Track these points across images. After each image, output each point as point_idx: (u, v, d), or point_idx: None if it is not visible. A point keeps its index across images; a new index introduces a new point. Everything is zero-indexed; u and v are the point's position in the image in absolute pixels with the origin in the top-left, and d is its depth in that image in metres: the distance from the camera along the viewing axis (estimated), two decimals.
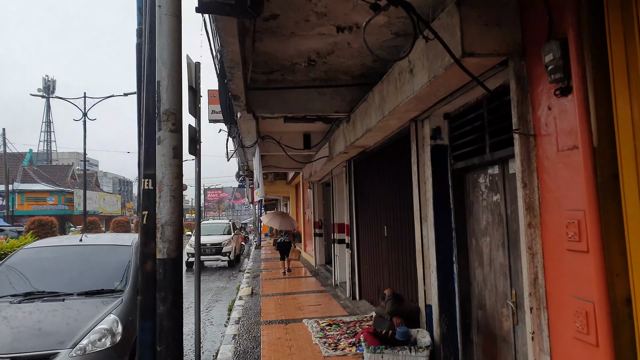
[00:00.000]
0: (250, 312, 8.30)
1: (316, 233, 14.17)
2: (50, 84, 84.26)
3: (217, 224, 21.65)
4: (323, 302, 8.91)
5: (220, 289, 13.06)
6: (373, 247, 7.68)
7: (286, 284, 11.67)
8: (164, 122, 2.74)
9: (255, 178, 8.93)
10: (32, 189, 47.92)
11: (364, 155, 7.89)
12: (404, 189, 6.01)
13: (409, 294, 5.89)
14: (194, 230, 5.91)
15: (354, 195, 8.72)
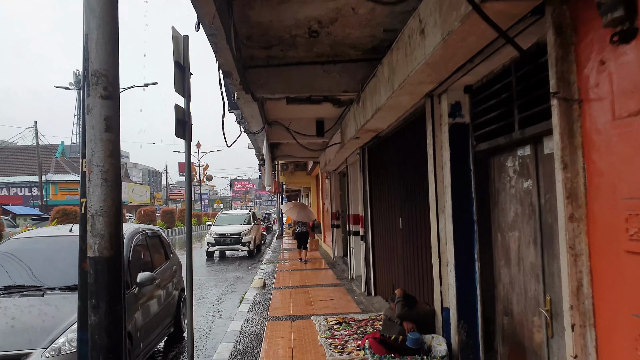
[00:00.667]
0: (258, 306, 7.78)
1: (334, 224, 13.56)
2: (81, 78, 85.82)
3: (237, 214, 21.28)
4: (336, 297, 8.31)
5: (237, 279, 12.64)
6: (388, 241, 7.02)
7: (301, 276, 11.12)
8: (94, 85, 2.16)
9: (266, 166, 8.37)
10: (64, 180, 48.93)
11: (377, 141, 7.21)
12: (419, 177, 5.32)
13: (424, 294, 5.23)
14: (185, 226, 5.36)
15: (368, 184, 8.06)
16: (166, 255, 6.91)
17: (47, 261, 5.15)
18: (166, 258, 6.87)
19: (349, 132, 7.27)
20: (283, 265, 13.51)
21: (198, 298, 10.04)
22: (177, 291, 6.88)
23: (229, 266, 15.73)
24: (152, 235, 6.61)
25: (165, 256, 6.89)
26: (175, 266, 7.01)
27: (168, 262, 6.80)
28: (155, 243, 6.70)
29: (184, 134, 4.96)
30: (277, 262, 14.50)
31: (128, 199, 56.26)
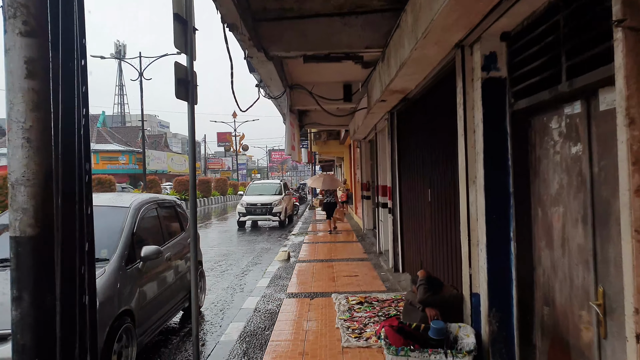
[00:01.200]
0: (278, 281, 7.43)
1: (364, 195, 13.03)
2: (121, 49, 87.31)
3: (269, 184, 21.05)
4: (361, 272, 7.86)
5: (264, 250, 12.39)
6: (417, 214, 6.45)
7: (327, 249, 10.73)
8: (10, 19, 1.69)
9: (286, 132, 7.88)
10: (105, 149, 50.22)
11: (406, 105, 6.55)
12: (449, 143, 4.70)
13: (451, 277, 4.67)
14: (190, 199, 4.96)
15: (397, 152, 7.44)
16: (182, 227, 6.60)
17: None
18: (182, 229, 6.56)
19: (374, 94, 6.65)
20: (311, 237, 13.16)
21: (223, 270, 9.83)
22: None
23: (259, 236, 15.54)
24: (166, 206, 6.29)
25: (181, 227, 6.58)
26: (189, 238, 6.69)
27: (183, 234, 6.48)
28: (169, 214, 6.39)
29: (186, 95, 4.50)
30: (306, 233, 14.17)
31: (167, 168, 57.39)
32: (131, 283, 4.49)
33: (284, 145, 7.82)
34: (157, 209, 5.85)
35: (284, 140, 7.86)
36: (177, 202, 6.78)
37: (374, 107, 6.95)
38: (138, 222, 5.04)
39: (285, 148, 7.75)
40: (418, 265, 6.43)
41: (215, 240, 14.60)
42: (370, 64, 7.10)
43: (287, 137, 7.87)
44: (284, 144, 7.82)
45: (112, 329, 3.94)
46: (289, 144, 7.86)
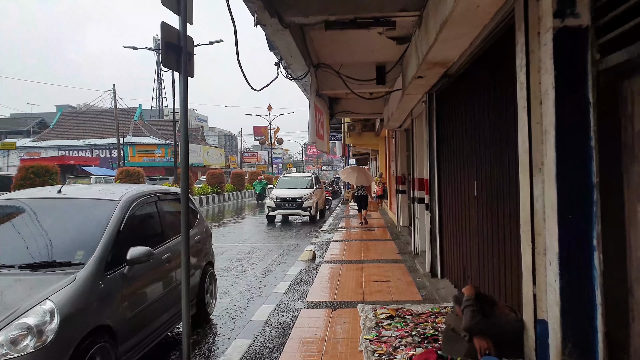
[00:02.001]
0: (298, 285, 6.61)
1: (399, 189, 12.04)
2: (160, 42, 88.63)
3: (299, 177, 20.28)
4: (393, 277, 6.93)
5: (291, 248, 11.62)
6: (459, 211, 5.48)
7: (357, 248, 9.84)
8: None
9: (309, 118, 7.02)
10: (142, 142, 50.85)
11: (447, 83, 5.57)
12: (502, 123, 3.73)
13: (506, 294, 3.71)
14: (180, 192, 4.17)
15: (435, 140, 6.46)
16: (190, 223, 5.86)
17: (16, 231, 4.14)
18: (190, 226, 5.82)
19: (410, 70, 5.70)
20: (342, 234, 12.30)
21: (244, 269, 9.11)
22: (201, 266, 5.84)
23: (287, 232, 14.80)
24: (170, 199, 5.57)
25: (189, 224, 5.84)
26: (200, 236, 5.95)
27: (191, 232, 5.75)
28: (174, 208, 5.67)
29: (176, 64, 3.71)
30: (337, 229, 13.31)
31: (203, 161, 57.78)
32: (112, 292, 3.74)
33: (307, 132, 6.97)
34: (157, 202, 5.12)
35: (307, 126, 7.01)
36: None
37: (410, 86, 5.99)
38: (128, 218, 4.30)
39: (309, 135, 6.89)
40: (460, 272, 5.46)
41: (241, 236, 13.95)
42: (405, 39, 6.16)
43: (311, 123, 7.00)
44: (307, 130, 6.97)
45: (79, 352, 3.20)
46: (313, 130, 6.99)
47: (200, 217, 6.37)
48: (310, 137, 6.88)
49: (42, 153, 48.11)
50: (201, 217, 6.39)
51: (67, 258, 3.75)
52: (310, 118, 7.26)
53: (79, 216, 4.31)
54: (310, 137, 6.88)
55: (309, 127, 6.99)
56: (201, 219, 6.37)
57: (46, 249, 3.86)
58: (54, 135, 51.88)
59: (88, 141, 48.92)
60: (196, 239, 5.80)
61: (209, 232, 6.46)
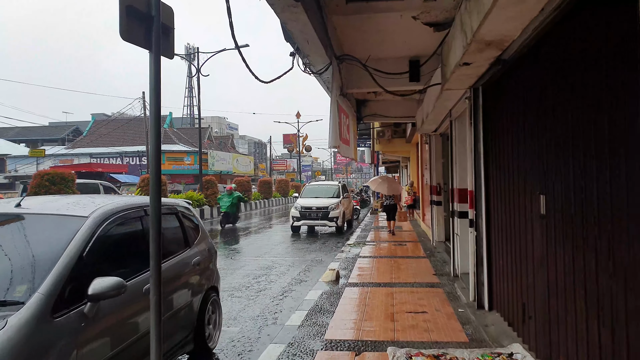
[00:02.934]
0: (317, 316, 5.59)
1: (434, 201, 10.88)
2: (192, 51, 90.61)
3: (326, 185, 19.25)
4: (430, 307, 5.83)
5: (315, 263, 10.62)
6: (515, 231, 4.36)
7: (387, 266, 8.74)
8: None
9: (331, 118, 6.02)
10: (171, 150, 50.96)
11: (500, 71, 4.48)
12: (591, 118, 2.64)
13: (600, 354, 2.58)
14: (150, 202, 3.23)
15: (482, 144, 5.36)
16: (187, 241, 4.94)
17: None
18: (186, 244, 4.91)
19: (452, 57, 4.64)
20: (370, 249, 11.21)
21: (261, 288, 8.15)
22: (201, 292, 4.90)
23: (312, 244, 13.80)
24: (163, 213, 4.66)
25: (186, 242, 4.93)
26: (200, 257, 5.01)
27: (188, 251, 4.82)
28: (167, 224, 4.77)
29: (144, 38, 2.78)
30: (364, 243, 12.22)
31: (232, 169, 57.57)
32: (61, 341, 2.82)
33: (328, 135, 5.98)
34: (145, 218, 4.20)
35: (329, 127, 6.01)
36: (180, 207, 5.13)
37: (452, 77, 4.92)
38: (97, 239, 3.37)
39: (330, 138, 5.89)
40: (516, 307, 4.33)
41: (262, 248, 13.03)
42: (444, 25, 5.13)
43: (333, 125, 6.01)
44: (329, 134, 5.98)
45: None
46: (335, 133, 6.00)
47: (203, 234, 5.45)
48: (332, 141, 5.88)
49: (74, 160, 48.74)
50: (204, 234, 5.47)
51: (1, 296, 2.85)
52: (333, 119, 6.26)
53: (34, 238, 3.41)
54: (332, 141, 5.88)
55: (330, 129, 6.00)
56: (204, 235, 5.44)
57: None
58: (86, 142, 52.63)
59: (118, 148, 49.34)
60: (195, 261, 4.86)
61: (213, 251, 5.53)
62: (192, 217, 5.35)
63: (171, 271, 4.32)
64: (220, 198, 19.38)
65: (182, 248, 4.77)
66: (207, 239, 5.50)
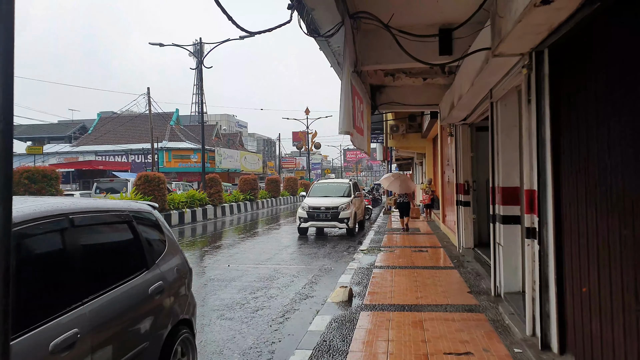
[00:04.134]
0: (324, 358, 4.19)
1: (460, 201, 9.42)
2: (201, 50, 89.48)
3: (335, 184, 17.80)
4: (475, 344, 4.40)
5: (323, 272, 9.24)
6: (609, 248, 2.93)
7: (408, 279, 7.31)
8: None
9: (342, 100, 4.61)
10: (177, 147, 49.84)
11: (595, 10, 3.03)
12: None
13: None
14: None
15: (549, 128, 3.91)
16: (144, 260, 3.56)
17: None
18: (144, 265, 3.53)
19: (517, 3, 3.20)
20: (386, 256, 9.78)
21: (258, 306, 6.80)
22: (164, 330, 3.53)
23: (320, 249, 12.40)
24: (107, 223, 3.30)
25: (143, 261, 3.55)
26: (162, 281, 3.63)
27: (140, 276, 3.44)
28: (115, 238, 3.41)
29: None
30: (379, 249, 10.79)
31: (240, 166, 56.36)
32: None
33: (339, 118, 4.57)
34: (67, 231, 2.81)
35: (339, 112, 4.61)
36: (138, 212, 3.75)
37: (514, 33, 3.48)
38: None
39: (341, 122, 4.49)
40: (612, 352, 2.90)
41: (265, 254, 11.66)
42: None
43: (345, 107, 4.61)
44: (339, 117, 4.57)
45: None
46: (348, 117, 4.60)
47: (172, 248, 4.07)
48: (343, 125, 4.46)
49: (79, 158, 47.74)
50: (173, 248, 4.09)
51: None
52: (345, 100, 4.84)
53: None
54: (343, 125, 4.46)
55: (341, 111, 4.59)
56: (173, 250, 4.07)
57: None
58: (92, 140, 51.68)
59: (124, 146, 48.28)
60: (154, 288, 3.48)
61: (185, 270, 4.14)
62: (155, 226, 3.98)
63: (110, 308, 2.94)
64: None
65: (135, 271, 3.39)
66: (177, 254, 4.13)
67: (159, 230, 4.01)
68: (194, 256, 11.50)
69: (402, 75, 8.83)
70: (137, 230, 3.58)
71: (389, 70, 8.44)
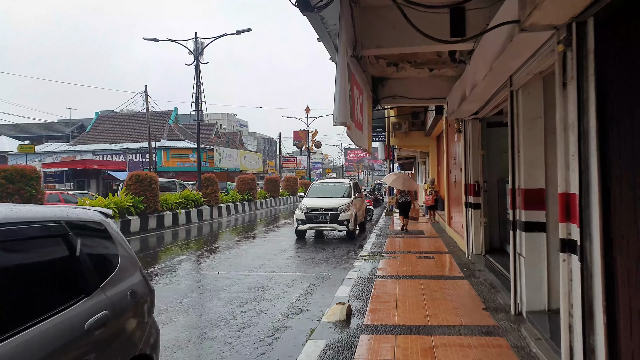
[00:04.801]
0: None
1: (470, 203, 8.62)
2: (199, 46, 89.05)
3: (335, 184, 17.01)
4: None
5: (320, 280, 8.47)
6: None
7: (415, 293, 6.52)
8: None
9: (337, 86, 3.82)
10: (176, 146, 49.06)
11: None
12: None
13: None
14: None
15: (595, 121, 3.12)
16: (82, 287, 2.77)
17: None
18: (78, 292, 2.74)
19: None
20: (389, 264, 8.99)
21: (245, 323, 6.04)
22: None
23: (318, 254, 11.62)
24: (26, 238, 2.52)
25: (80, 289, 2.76)
26: (108, 310, 2.84)
27: (76, 307, 2.64)
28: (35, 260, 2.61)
29: None
30: (381, 254, 10.00)
31: (239, 166, 55.56)
32: None
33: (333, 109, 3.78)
34: None
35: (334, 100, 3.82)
36: (79, 222, 2.97)
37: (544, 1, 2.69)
38: None
39: (336, 112, 3.71)
40: None
41: (258, 259, 10.88)
42: None
43: (342, 94, 3.83)
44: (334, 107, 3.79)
45: None
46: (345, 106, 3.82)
47: (128, 266, 3.28)
48: (339, 115, 3.68)
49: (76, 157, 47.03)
50: (129, 266, 3.30)
51: None
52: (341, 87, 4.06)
53: None
54: (339, 115, 3.68)
55: (336, 99, 3.80)
56: (128, 268, 3.28)
57: None
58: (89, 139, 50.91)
59: (122, 145, 47.50)
60: (93, 321, 2.67)
61: (146, 292, 3.36)
62: (105, 238, 3.20)
63: (37, 344, 2.17)
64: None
65: (67, 300, 2.60)
66: (134, 273, 3.34)
67: (109, 243, 3.23)
68: (182, 262, 10.73)
69: (407, 65, 8.05)
70: (74, 246, 2.80)
71: (392, 58, 7.66)
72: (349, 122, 4.07)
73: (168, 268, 9.87)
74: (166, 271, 9.53)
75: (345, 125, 3.91)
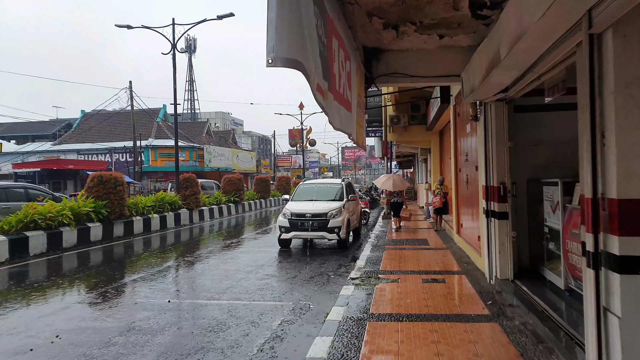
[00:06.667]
0: None
1: (493, 211, 6.58)
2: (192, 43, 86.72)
3: (325, 185, 14.88)
4: None
5: (298, 313, 6.47)
6: None
7: (427, 350, 4.49)
8: None
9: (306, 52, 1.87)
10: (165, 145, 46.79)
11: None
12: None
13: None
14: None
15: None
16: None
17: None
18: None
19: None
20: (387, 293, 6.93)
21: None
22: None
23: (302, 270, 9.58)
24: None
25: None
26: None
27: None
28: None
29: None
30: (377, 277, 7.95)
31: (232, 165, 53.42)
32: None
33: (267, 35, 1.78)
34: None
35: (268, 20, 1.82)
36: None
37: None
38: None
39: (271, 40, 1.73)
40: None
41: (226, 279, 8.82)
42: None
43: (286, 13, 1.83)
44: (267, 30, 1.79)
45: None
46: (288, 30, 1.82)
47: None
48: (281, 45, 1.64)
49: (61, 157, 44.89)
50: None
51: None
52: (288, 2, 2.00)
53: None
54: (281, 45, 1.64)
55: (273, 18, 1.78)
56: None
57: None
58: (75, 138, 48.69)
59: (107, 144, 45.33)
60: None
61: None
62: None
63: None
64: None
65: None
66: None
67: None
68: (128, 284, 8.60)
69: (410, 29, 6.01)
70: None
71: (391, 17, 5.61)
72: (322, 85, 2.04)
73: (108, 294, 7.77)
74: (99, 301, 7.45)
75: (296, 68, 1.87)
